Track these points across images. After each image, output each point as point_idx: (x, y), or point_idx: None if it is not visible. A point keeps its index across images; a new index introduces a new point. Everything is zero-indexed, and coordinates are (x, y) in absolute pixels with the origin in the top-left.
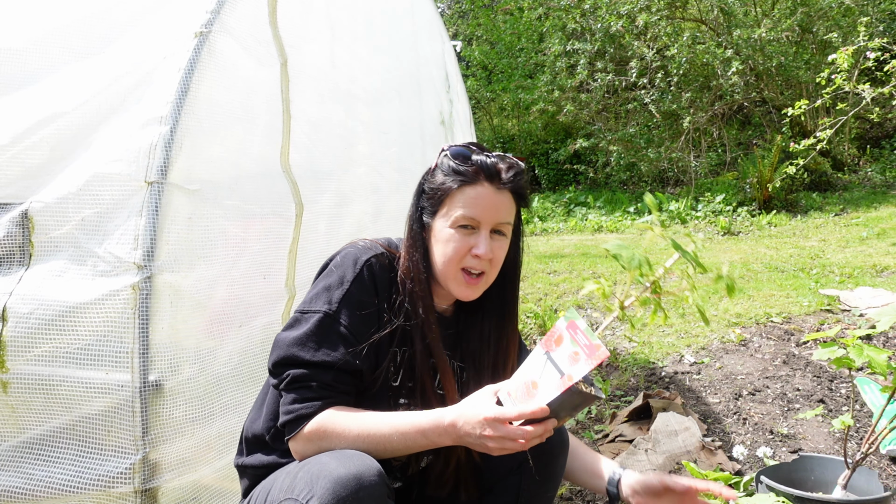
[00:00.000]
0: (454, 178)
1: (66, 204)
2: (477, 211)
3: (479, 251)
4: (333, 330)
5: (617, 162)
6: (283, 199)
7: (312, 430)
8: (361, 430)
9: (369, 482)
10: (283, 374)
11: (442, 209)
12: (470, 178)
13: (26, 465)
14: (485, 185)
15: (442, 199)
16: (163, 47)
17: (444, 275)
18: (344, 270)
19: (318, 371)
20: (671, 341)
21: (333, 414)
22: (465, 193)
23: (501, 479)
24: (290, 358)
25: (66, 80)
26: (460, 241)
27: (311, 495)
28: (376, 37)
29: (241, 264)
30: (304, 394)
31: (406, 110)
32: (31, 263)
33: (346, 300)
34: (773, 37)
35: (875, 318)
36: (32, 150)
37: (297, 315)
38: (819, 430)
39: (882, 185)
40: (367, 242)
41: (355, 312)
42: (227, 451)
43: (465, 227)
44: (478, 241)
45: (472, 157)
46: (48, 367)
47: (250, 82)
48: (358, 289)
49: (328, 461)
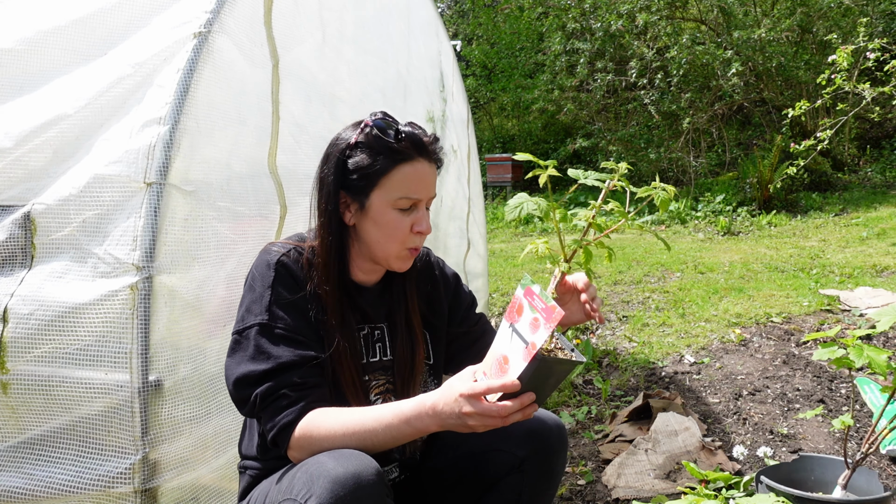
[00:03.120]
0: (390, 156)
1: (68, 206)
2: (418, 189)
3: (422, 228)
4: (275, 335)
5: (617, 162)
6: (268, 200)
7: (298, 436)
8: (347, 429)
9: (367, 481)
10: (249, 396)
11: (376, 189)
12: (405, 156)
13: (26, 466)
14: (420, 160)
15: (377, 178)
16: (163, 48)
17: (386, 254)
18: (262, 280)
19: (281, 376)
20: (671, 341)
21: (315, 417)
22: (403, 172)
23: (503, 478)
24: (247, 377)
25: (67, 82)
26: (403, 222)
27: (309, 495)
28: (366, 38)
29: (228, 265)
30: (279, 403)
31: (389, 111)
32: (33, 265)
33: (273, 304)
34: (773, 37)
35: (875, 318)
36: (35, 153)
37: (234, 338)
38: (819, 430)
39: (882, 185)
40: (276, 245)
41: (287, 312)
42: (224, 449)
43: (406, 208)
44: (418, 219)
45: (400, 129)
46: (48, 367)
47: (244, 83)
48: (280, 290)
49: (326, 461)
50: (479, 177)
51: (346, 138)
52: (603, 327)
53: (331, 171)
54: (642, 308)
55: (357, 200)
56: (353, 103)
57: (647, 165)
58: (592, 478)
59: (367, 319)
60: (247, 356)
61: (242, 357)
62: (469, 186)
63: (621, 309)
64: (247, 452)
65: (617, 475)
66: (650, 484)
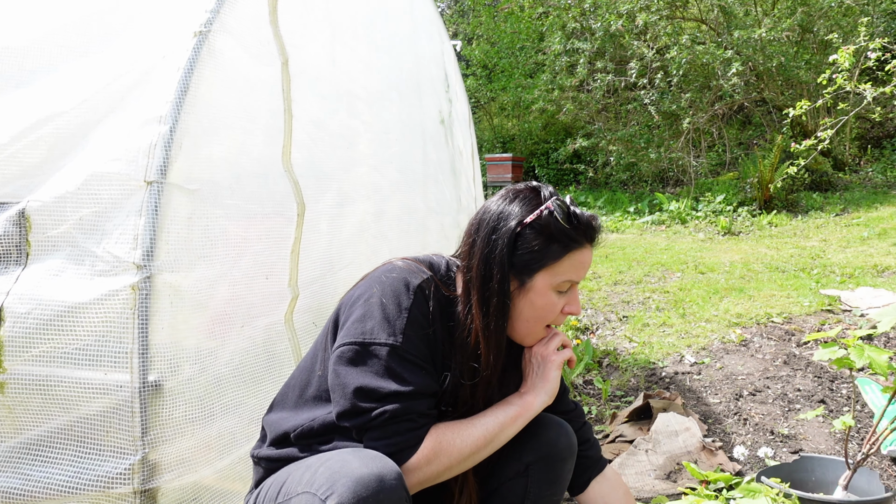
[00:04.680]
0: (566, 242)
1: (64, 203)
2: (581, 273)
3: (573, 309)
4: (407, 360)
5: (617, 162)
6: (284, 198)
7: (426, 454)
8: (475, 442)
9: (390, 484)
10: (372, 409)
11: (543, 272)
12: (579, 243)
13: (24, 466)
14: (588, 247)
15: (547, 262)
16: (162, 46)
17: (531, 332)
18: (397, 299)
19: (411, 402)
20: (671, 341)
21: (440, 435)
22: (574, 258)
23: (507, 482)
24: (374, 391)
25: (64, 78)
26: (558, 304)
27: (330, 492)
28: (376, 36)
29: (242, 264)
30: (403, 426)
31: (407, 110)
32: (29, 263)
33: (409, 328)
34: (774, 37)
35: (876, 318)
36: (30, 150)
37: (356, 349)
38: (820, 430)
39: (883, 185)
40: (408, 264)
41: (420, 340)
42: (228, 451)
43: (565, 290)
44: (572, 299)
45: (582, 220)
46: (46, 367)
47: (251, 82)
48: (417, 315)
49: (351, 459)
50: (479, 176)
51: (517, 215)
52: (603, 327)
53: (501, 247)
54: (643, 308)
55: (518, 278)
56: (370, 101)
57: (648, 165)
58: None
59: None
60: (373, 371)
61: (368, 371)
62: (475, 186)
63: (621, 309)
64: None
65: None
66: (651, 484)
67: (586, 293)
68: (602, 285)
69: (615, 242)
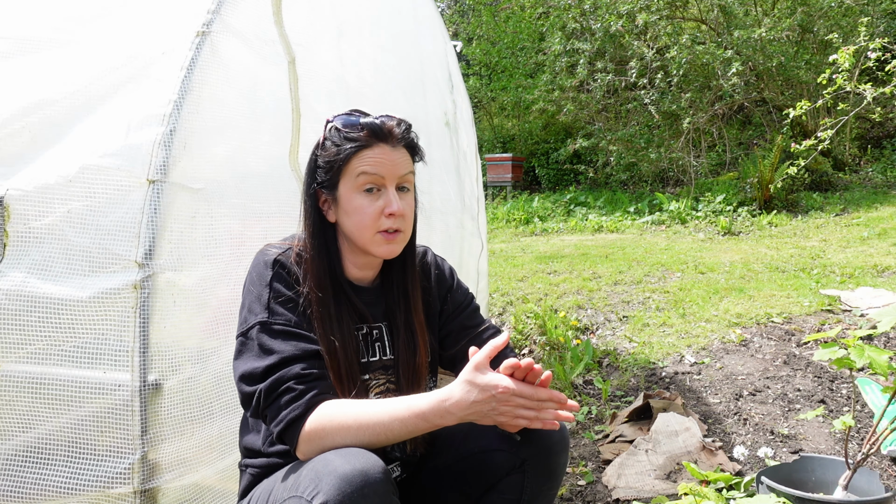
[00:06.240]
0: (349, 144)
1: (51, 194)
2: (379, 168)
3: (392, 209)
4: (276, 331)
5: (617, 162)
6: (290, 197)
7: (311, 429)
8: (361, 423)
9: (374, 479)
10: (254, 393)
11: (342, 178)
12: (364, 142)
13: (21, 467)
14: (380, 145)
15: (340, 167)
16: (161, 43)
17: (363, 241)
18: (260, 279)
19: (285, 369)
20: (671, 341)
21: (326, 410)
22: (363, 156)
23: (504, 477)
24: (251, 374)
25: (54, 66)
26: (370, 205)
27: (316, 492)
28: (381, 35)
29: (245, 263)
30: (285, 397)
31: (411, 110)
32: (6, 253)
33: (272, 301)
34: (774, 36)
35: (876, 318)
36: (14, 138)
37: (240, 339)
38: (820, 430)
39: (883, 185)
40: (273, 245)
41: (286, 308)
42: (229, 451)
43: (371, 191)
44: (388, 200)
45: (361, 120)
46: (39, 366)
47: (256, 81)
48: (277, 287)
49: (333, 458)
50: (480, 176)
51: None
52: (603, 327)
53: (307, 173)
54: (643, 308)
55: (331, 195)
56: (377, 99)
57: (648, 165)
58: (593, 478)
59: (364, 319)
60: (251, 355)
61: (248, 357)
62: (477, 186)
63: (621, 309)
64: (250, 446)
65: (617, 476)
66: (650, 484)
67: (586, 293)
68: (602, 285)
69: (615, 242)
